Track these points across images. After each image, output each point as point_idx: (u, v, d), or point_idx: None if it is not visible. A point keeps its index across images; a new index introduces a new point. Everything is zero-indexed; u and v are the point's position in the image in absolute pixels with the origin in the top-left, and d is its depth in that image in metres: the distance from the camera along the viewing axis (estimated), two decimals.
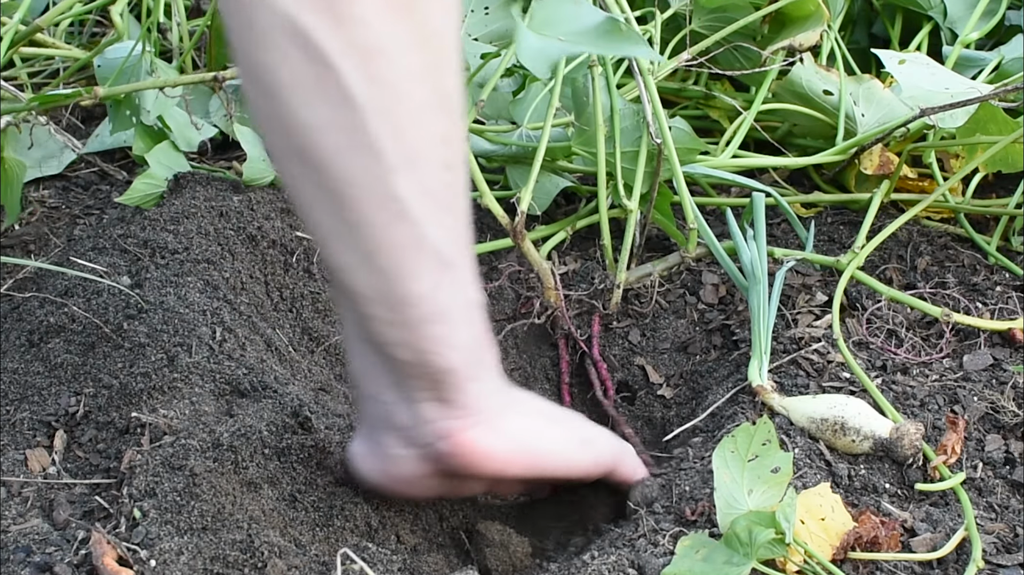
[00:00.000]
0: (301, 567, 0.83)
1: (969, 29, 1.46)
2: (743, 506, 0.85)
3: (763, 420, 0.89)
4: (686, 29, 1.40)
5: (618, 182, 1.20)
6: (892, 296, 1.15)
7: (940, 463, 0.96)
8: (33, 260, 1.14)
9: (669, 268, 1.24)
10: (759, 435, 0.88)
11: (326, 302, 1.13)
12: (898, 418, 1.00)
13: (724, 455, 0.87)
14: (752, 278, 1.08)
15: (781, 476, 0.85)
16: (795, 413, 1.00)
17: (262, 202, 1.18)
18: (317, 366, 1.09)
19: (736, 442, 0.87)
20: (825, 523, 0.86)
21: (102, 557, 0.80)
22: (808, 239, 1.24)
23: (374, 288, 0.81)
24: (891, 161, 1.28)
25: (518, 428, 0.91)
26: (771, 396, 1.02)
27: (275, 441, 0.92)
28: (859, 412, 0.98)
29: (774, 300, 1.08)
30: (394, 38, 0.75)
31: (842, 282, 1.14)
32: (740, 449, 0.87)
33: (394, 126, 0.77)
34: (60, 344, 1.01)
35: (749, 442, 0.87)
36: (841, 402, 0.99)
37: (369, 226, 0.78)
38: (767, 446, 0.87)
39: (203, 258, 1.08)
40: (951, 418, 1.00)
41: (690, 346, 1.20)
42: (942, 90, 1.20)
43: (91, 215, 1.23)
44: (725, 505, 0.85)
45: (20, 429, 0.95)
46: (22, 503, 0.89)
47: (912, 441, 0.96)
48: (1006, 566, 0.88)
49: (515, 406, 0.92)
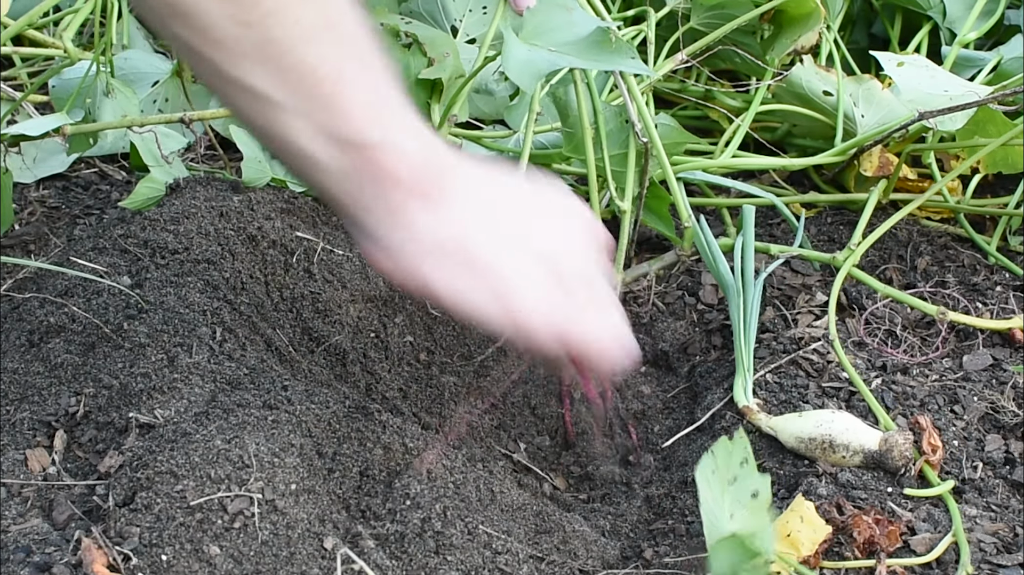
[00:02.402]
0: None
1: (967, 29, 1.46)
2: (724, 528, 0.85)
3: (739, 435, 0.88)
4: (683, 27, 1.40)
5: (609, 184, 1.21)
6: (888, 293, 1.15)
7: (924, 463, 0.96)
8: (33, 260, 1.14)
9: (666, 267, 1.25)
10: (736, 453, 0.88)
11: (326, 302, 1.13)
12: (890, 424, 1.00)
13: (706, 474, 0.88)
14: (732, 291, 1.07)
15: (761, 502, 0.85)
16: (783, 434, 1.00)
17: (262, 202, 1.18)
18: (317, 366, 1.09)
19: (716, 460, 0.88)
20: (791, 538, 0.87)
21: (92, 563, 0.80)
22: (799, 229, 1.24)
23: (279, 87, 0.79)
24: (891, 162, 1.28)
25: (412, 253, 0.84)
26: (758, 416, 1.02)
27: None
28: (846, 428, 0.97)
29: (754, 313, 1.07)
30: None
31: (839, 278, 1.14)
32: (720, 468, 0.87)
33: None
34: (60, 344, 1.01)
35: (728, 460, 0.87)
36: (827, 419, 0.98)
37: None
38: (745, 466, 0.87)
39: (203, 258, 1.08)
40: (914, 420, 0.99)
41: (690, 347, 1.20)
42: (941, 93, 1.20)
43: (91, 215, 1.23)
44: (709, 523, 0.86)
45: (20, 429, 0.95)
46: (22, 503, 0.89)
47: (902, 451, 0.95)
48: (1006, 566, 0.88)
49: (451, 194, 0.85)
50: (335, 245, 1.17)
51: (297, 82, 0.80)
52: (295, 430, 0.91)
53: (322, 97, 0.81)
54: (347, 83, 0.81)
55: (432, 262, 0.85)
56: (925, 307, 1.12)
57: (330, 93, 0.81)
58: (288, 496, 0.87)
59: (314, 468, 0.90)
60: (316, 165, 0.82)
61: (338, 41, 0.82)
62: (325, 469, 0.91)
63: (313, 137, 0.81)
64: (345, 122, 0.81)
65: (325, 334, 1.11)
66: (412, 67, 1.29)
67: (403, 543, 0.87)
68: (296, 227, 1.17)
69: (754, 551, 0.81)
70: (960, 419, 1.03)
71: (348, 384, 1.07)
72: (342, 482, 0.92)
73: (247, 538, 0.84)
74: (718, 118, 1.50)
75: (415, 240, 0.84)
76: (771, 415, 1.02)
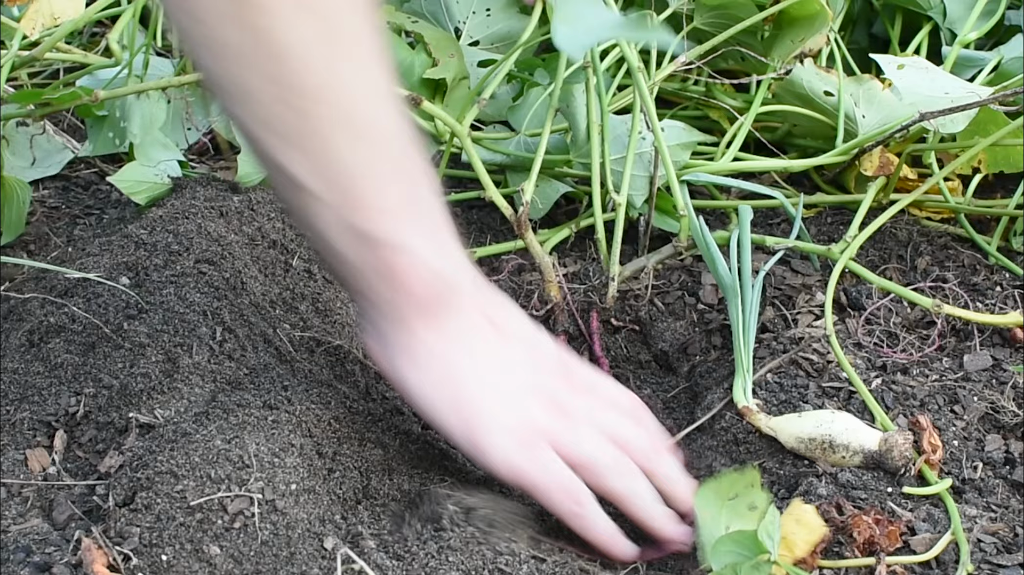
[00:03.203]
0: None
1: (968, 29, 1.46)
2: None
3: (751, 468, 0.88)
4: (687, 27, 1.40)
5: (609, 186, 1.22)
6: (882, 286, 1.14)
7: (924, 463, 0.96)
8: (33, 260, 1.14)
9: (663, 260, 1.24)
10: (746, 479, 0.88)
11: (326, 302, 1.13)
12: (888, 423, 0.99)
13: (707, 496, 0.88)
14: (730, 290, 1.07)
15: (757, 514, 0.85)
16: (782, 434, 1.00)
17: (262, 202, 1.18)
18: (317, 366, 1.09)
19: (720, 485, 0.88)
20: (786, 540, 0.87)
21: (92, 563, 0.80)
22: (796, 218, 1.23)
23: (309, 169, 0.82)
24: (891, 162, 1.28)
25: (404, 358, 0.90)
26: (758, 417, 1.02)
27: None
28: (846, 428, 0.97)
29: (754, 312, 1.07)
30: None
31: (836, 270, 1.14)
32: (723, 491, 0.87)
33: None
34: (60, 344, 1.01)
35: (732, 485, 0.87)
36: (827, 419, 0.98)
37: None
38: (749, 488, 0.88)
39: (203, 258, 1.08)
40: (914, 420, 0.99)
41: (690, 347, 1.20)
42: (942, 95, 1.20)
43: (91, 215, 1.23)
44: (708, 542, 0.86)
45: (20, 429, 0.95)
46: (22, 503, 0.89)
47: (902, 452, 0.95)
48: (1006, 566, 0.88)
49: (458, 323, 0.91)
50: None
51: (334, 177, 0.83)
52: (295, 430, 0.91)
53: (354, 192, 0.84)
54: (381, 182, 0.85)
55: (419, 375, 0.90)
56: (921, 300, 1.12)
57: (362, 190, 0.84)
58: (288, 496, 0.87)
59: (314, 468, 0.90)
60: (338, 256, 0.86)
61: (379, 140, 0.85)
62: (325, 469, 0.91)
63: (340, 232, 0.85)
64: (370, 219, 0.85)
65: (325, 334, 1.11)
66: (416, 67, 1.30)
67: (404, 543, 0.87)
68: (296, 227, 1.17)
69: (756, 549, 0.81)
70: (960, 419, 1.03)
71: (348, 384, 1.07)
72: (342, 482, 0.92)
73: (247, 538, 0.84)
74: (719, 117, 1.50)
75: (410, 348, 0.90)
76: (771, 415, 1.02)
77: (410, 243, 0.87)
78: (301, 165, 0.82)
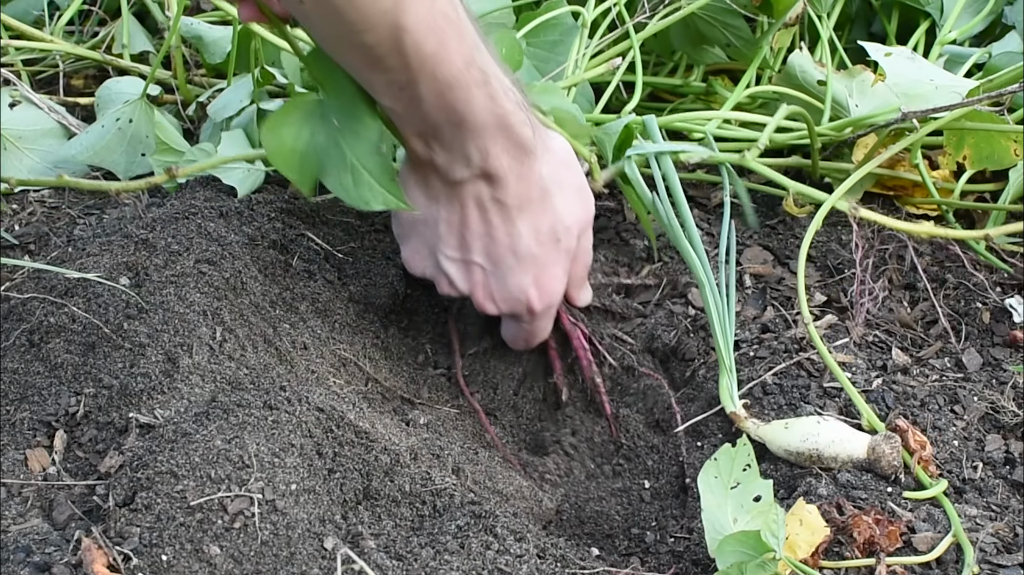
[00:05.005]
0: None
1: (950, 26, 1.47)
2: (728, 532, 0.86)
3: (742, 442, 0.88)
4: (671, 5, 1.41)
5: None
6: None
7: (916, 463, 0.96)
8: (33, 260, 1.14)
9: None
10: (739, 459, 0.88)
11: (326, 302, 1.13)
12: (877, 424, 0.99)
13: (708, 480, 0.88)
14: (703, 285, 1.04)
15: (763, 505, 0.86)
16: (771, 444, 0.98)
17: (262, 202, 1.18)
18: (317, 366, 1.09)
19: (719, 466, 0.88)
20: (789, 541, 0.87)
21: (92, 563, 0.80)
22: (737, 184, 1.19)
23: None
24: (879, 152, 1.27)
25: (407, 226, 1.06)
26: (746, 424, 1.01)
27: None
28: (832, 440, 0.96)
29: (731, 299, 1.05)
30: None
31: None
32: (723, 474, 0.87)
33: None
34: (60, 344, 1.01)
35: (731, 466, 0.88)
36: (813, 432, 0.96)
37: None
38: (748, 471, 0.88)
39: (203, 258, 1.08)
40: (891, 425, 0.98)
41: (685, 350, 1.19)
42: (927, 81, 1.21)
43: (91, 215, 1.23)
44: (712, 528, 0.86)
45: (20, 429, 0.95)
46: (22, 503, 0.89)
47: (890, 460, 0.94)
48: (1006, 566, 0.88)
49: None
50: (335, 245, 1.17)
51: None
52: (295, 430, 0.91)
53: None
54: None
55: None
56: (839, 205, 1.10)
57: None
58: (288, 496, 0.87)
59: (314, 468, 0.90)
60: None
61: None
62: (325, 469, 0.91)
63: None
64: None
65: (325, 334, 1.11)
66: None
67: (405, 543, 0.87)
68: (296, 227, 1.17)
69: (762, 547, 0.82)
70: (960, 419, 1.04)
71: (348, 384, 1.08)
72: (342, 482, 0.92)
73: (247, 538, 0.84)
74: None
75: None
76: (760, 423, 1.00)
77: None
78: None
